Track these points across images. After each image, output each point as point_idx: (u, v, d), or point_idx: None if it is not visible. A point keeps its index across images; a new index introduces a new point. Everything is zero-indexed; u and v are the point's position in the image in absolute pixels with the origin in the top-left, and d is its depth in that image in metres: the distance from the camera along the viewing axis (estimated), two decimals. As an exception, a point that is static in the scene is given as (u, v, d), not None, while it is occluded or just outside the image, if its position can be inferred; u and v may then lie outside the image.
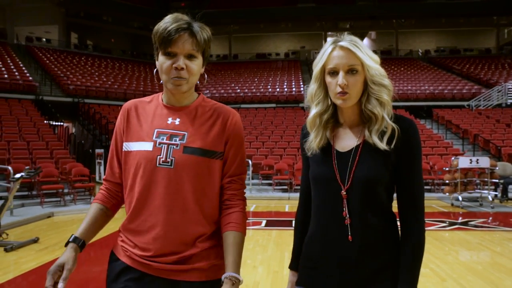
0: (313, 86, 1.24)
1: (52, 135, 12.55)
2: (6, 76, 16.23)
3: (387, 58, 26.36)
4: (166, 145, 1.23)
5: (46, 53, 21.86)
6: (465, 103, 17.80)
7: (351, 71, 1.15)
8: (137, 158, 1.24)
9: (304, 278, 1.26)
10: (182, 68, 1.20)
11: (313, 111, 1.24)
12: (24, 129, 11.98)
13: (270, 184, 11.77)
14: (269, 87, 20.75)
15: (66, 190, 8.96)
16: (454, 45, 29.27)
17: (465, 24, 29.28)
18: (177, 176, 1.21)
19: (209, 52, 1.29)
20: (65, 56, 22.31)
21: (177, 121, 1.27)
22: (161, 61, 1.22)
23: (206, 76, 1.36)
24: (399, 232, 1.20)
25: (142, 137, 1.26)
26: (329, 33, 30.19)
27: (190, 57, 1.21)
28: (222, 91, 20.50)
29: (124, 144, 1.29)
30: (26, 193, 8.72)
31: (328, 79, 1.18)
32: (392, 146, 1.14)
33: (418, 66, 24.27)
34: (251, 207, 8.93)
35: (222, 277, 1.18)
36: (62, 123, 14.33)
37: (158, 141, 1.24)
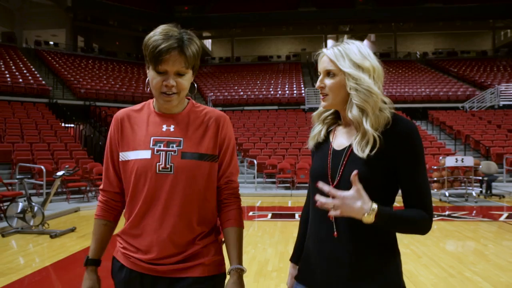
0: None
1: (69, 136, 13.41)
2: (20, 80, 16.96)
3: (386, 60, 27.00)
4: (164, 152, 1.25)
5: (54, 57, 22.44)
6: (460, 105, 18.35)
7: (328, 74, 1.20)
8: (136, 166, 1.26)
9: (300, 273, 1.30)
10: (172, 86, 1.22)
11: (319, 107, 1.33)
12: (43, 132, 12.82)
13: (273, 182, 12.55)
14: (271, 89, 21.44)
15: (88, 188, 9.82)
16: (452, 47, 29.94)
17: (462, 27, 29.99)
18: (177, 181, 1.24)
19: (199, 63, 1.31)
20: (73, 60, 22.93)
21: (171, 128, 1.29)
22: (152, 76, 1.24)
23: (196, 85, 1.37)
24: (394, 237, 1.19)
25: (139, 146, 1.28)
26: (329, 35, 30.96)
27: (180, 74, 1.23)
28: (226, 93, 21.14)
29: (120, 154, 1.31)
30: (52, 190, 9.57)
31: None
32: (373, 153, 1.12)
33: (416, 68, 24.83)
34: (257, 202, 9.74)
35: (228, 269, 1.29)
36: (77, 125, 15.14)
37: (155, 148, 1.26)
